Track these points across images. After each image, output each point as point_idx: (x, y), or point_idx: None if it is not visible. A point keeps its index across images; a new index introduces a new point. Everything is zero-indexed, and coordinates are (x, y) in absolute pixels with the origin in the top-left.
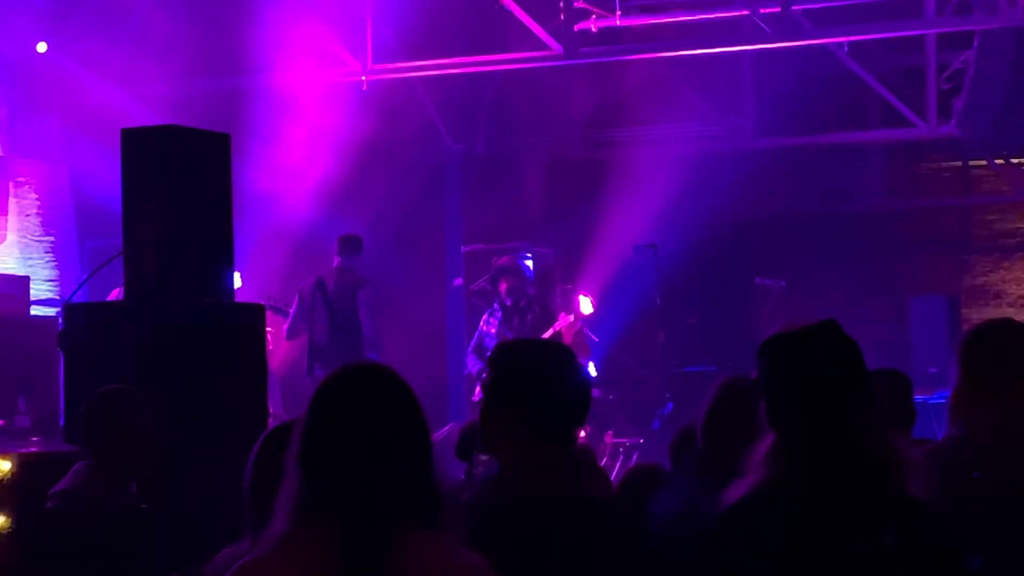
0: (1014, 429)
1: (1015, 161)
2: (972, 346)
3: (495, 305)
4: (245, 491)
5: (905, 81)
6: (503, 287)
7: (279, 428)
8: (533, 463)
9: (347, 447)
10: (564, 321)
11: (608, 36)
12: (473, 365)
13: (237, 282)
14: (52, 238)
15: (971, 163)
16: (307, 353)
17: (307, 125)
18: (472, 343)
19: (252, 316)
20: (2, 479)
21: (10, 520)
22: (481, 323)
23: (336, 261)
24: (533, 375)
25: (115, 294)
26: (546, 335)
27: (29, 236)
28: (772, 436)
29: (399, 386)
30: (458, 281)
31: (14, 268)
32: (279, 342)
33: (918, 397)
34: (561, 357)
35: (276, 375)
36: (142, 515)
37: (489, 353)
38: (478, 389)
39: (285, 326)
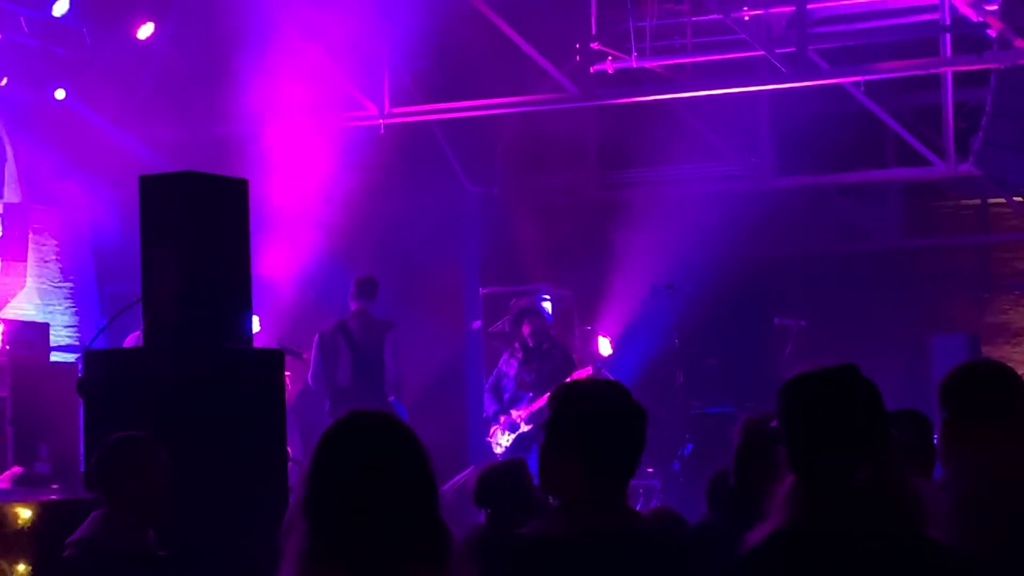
0: (991, 475)
1: None
2: (948, 389)
3: (516, 345)
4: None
5: (922, 119)
6: (527, 329)
7: None
8: (590, 499)
9: (351, 494)
10: (583, 373)
11: (624, 77)
12: (489, 406)
13: (255, 327)
14: (71, 284)
15: (989, 201)
16: (329, 397)
17: (325, 169)
18: (489, 381)
19: (271, 361)
20: (22, 527)
21: (30, 568)
22: (500, 362)
23: (354, 304)
24: (591, 415)
25: (132, 338)
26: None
27: (48, 282)
28: (791, 479)
29: (402, 432)
30: (477, 323)
31: (34, 315)
32: (297, 385)
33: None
34: (619, 397)
35: (294, 418)
36: (159, 563)
37: (506, 394)
38: (492, 429)
39: (310, 373)
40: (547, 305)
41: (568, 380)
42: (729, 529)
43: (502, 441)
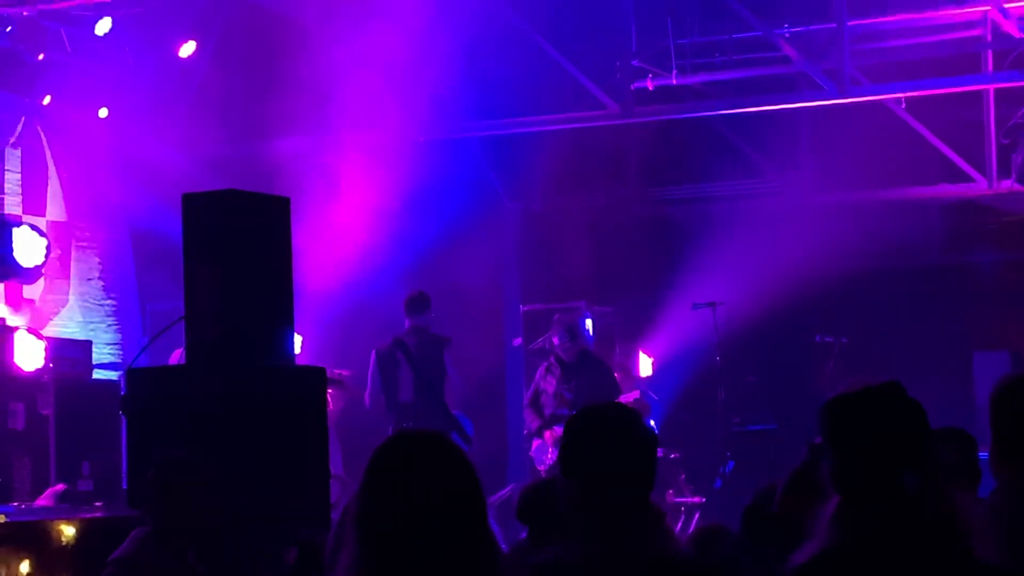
0: None
1: None
2: (999, 402)
3: (552, 360)
4: (327, 556)
5: (964, 135)
6: (565, 354)
7: None
8: (600, 527)
9: (402, 514)
10: (630, 398)
11: (665, 94)
12: (531, 421)
13: (297, 346)
14: (114, 302)
15: None
16: (392, 415)
17: (364, 186)
18: (528, 395)
19: (313, 379)
20: (66, 544)
21: None
22: (538, 377)
23: (408, 321)
24: (595, 444)
25: (176, 356)
26: None
27: (91, 300)
28: (836, 499)
29: (452, 452)
30: (517, 341)
31: (76, 332)
32: (339, 403)
33: (984, 454)
34: (626, 426)
35: (336, 436)
36: None
37: (547, 411)
38: (535, 444)
39: (367, 392)
40: (588, 322)
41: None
42: (767, 553)
43: (546, 459)
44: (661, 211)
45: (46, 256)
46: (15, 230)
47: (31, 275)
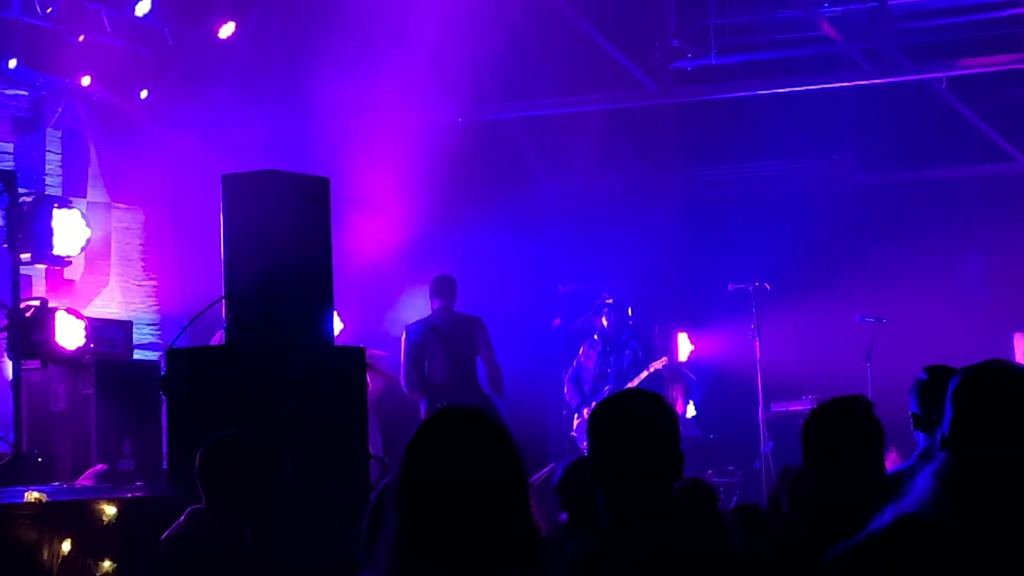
0: None
1: None
2: None
3: (595, 336)
4: (362, 537)
5: (1005, 115)
6: (606, 322)
7: None
8: (626, 514)
9: (444, 493)
10: (658, 364)
11: (704, 74)
12: (572, 398)
13: (337, 325)
14: (154, 282)
15: None
16: (425, 396)
17: (403, 167)
18: (570, 372)
19: (353, 359)
20: (107, 523)
21: (115, 564)
22: (580, 353)
23: (437, 302)
24: (616, 435)
25: (217, 337)
26: (640, 377)
27: (131, 280)
28: (940, 466)
29: (495, 430)
30: (556, 321)
31: (116, 313)
32: (377, 384)
33: None
34: (642, 417)
35: (375, 417)
36: (252, 561)
37: (586, 386)
38: (576, 423)
39: (402, 374)
40: (627, 303)
41: (646, 370)
42: (813, 525)
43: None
44: (700, 192)
45: (83, 248)
46: (66, 211)
47: (62, 262)
